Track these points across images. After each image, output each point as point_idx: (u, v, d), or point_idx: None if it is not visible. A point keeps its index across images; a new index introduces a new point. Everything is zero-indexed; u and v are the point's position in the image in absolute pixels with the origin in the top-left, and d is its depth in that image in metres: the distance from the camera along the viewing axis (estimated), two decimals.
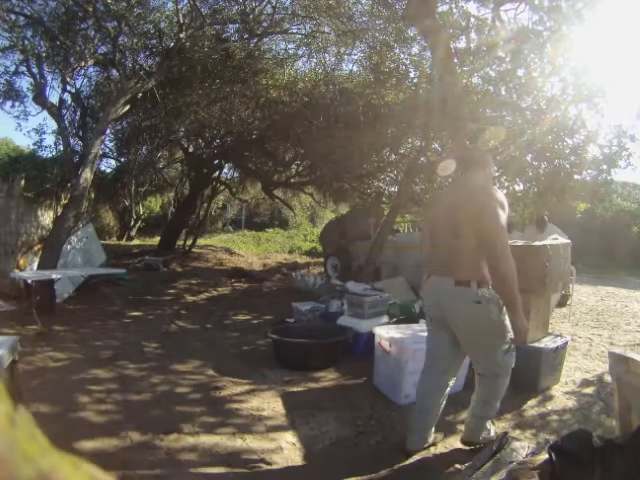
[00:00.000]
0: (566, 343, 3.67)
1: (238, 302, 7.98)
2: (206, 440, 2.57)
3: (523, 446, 2.00)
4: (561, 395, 3.40)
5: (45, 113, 8.37)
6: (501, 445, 1.96)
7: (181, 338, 5.19)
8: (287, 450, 2.49)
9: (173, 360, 4.13)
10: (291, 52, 9.31)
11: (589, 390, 3.52)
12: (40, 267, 6.29)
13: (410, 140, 9.69)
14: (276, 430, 2.76)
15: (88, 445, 2.40)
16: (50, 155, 9.33)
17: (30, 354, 3.88)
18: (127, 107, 7.66)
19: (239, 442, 2.57)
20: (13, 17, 7.31)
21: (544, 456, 1.71)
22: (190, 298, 8.13)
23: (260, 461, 2.37)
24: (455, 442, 2.62)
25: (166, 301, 7.67)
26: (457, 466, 2.33)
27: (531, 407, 3.16)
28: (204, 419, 2.87)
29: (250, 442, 2.57)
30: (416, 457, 2.44)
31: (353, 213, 11.39)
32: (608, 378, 3.75)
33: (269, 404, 3.16)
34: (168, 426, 2.70)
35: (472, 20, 5.97)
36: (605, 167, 6.13)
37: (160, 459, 2.33)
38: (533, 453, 1.90)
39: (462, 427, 2.75)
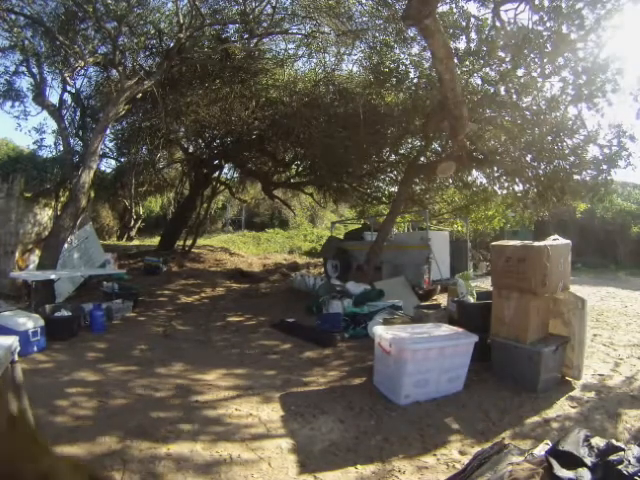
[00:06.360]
0: (566, 343, 3.67)
1: (236, 303, 7.98)
2: (205, 442, 2.57)
3: (522, 448, 2.00)
4: (561, 396, 3.39)
5: (45, 113, 8.38)
6: (500, 448, 1.96)
7: (176, 340, 5.17)
8: (287, 451, 2.49)
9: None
10: (291, 52, 9.31)
11: (589, 390, 3.51)
12: (40, 267, 6.29)
13: (410, 140, 9.69)
14: (276, 431, 2.76)
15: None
16: (50, 155, 9.33)
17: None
18: (127, 107, 7.67)
19: (238, 444, 2.57)
20: (13, 17, 7.31)
21: (544, 457, 1.71)
22: (187, 299, 8.12)
23: (260, 462, 2.37)
24: (456, 443, 2.62)
25: (163, 302, 7.66)
26: (457, 467, 2.33)
27: (531, 407, 3.15)
28: (199, 422, 2.86)
29: (249, 443, 2.57)
30: (417, 457, 2.44)
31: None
32: (608, 378, 3.76)
33: (268, 405, 3.16)
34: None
35: (472, 20, 5.98)
36: (605, 167, 6.13)
37: (156, 462, 2.33)
38: (533, 454, 1.90)
39: (462, 427, 2.74)
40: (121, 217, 20.51)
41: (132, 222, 18.73)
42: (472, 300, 4.44)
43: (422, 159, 8.75)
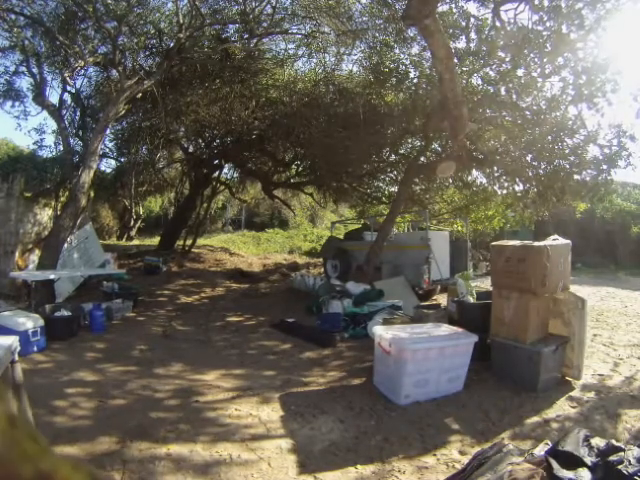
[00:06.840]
0: (566, 343, 3.67)
1: (236, 303, 7.97)
2: (205, 443, 2.57)
3: (522, 448, 2.00)
4: (561, 396, 3.39)
5: (45, 113, 8.39)
6: (500, 448, 1.96)
7: (175, 340, 5.17)
8: (287, 451, 2.49)
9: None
10: (291, 52, 9.32)
11: (589, 391, 3.51)
12: (40, 267, 6.30)
13: (410, 140, 9.70)
14: (275, 431, 2.76)
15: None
16: (50, 155, 9.35)
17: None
18: (127, 107, 7.68)
19: (238, 444, 2.57)
20: (13, 17, 7.31)
21: (544, 457, 1.71)
22: (187, 299, 8.12)
23: (260, 462, 2.37)
24: (456, 443, 2.62)
25: (162, 302, 7.65)
26: (457, 467, 2.33)
27: (531, 407, 3.15)
28: (199, 422, 2.86)
29: (249, 443, 2.57)
30: (417, 457, 2.44)
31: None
32: (608, 378, 3.76)
33: (268, 405, 3.16)
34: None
35: (472, 20, 5.98)
36: (605, 167, 6.14)
37: (155, 464, 2.33)
38: (533, 454, 1.90)
39: (462, 427, 2.74)
40: (121, 217, 20.51)
41: (132, 222, 18.74)
42: (472, 300, 4.44)
43: (422, 159, 8.75)
